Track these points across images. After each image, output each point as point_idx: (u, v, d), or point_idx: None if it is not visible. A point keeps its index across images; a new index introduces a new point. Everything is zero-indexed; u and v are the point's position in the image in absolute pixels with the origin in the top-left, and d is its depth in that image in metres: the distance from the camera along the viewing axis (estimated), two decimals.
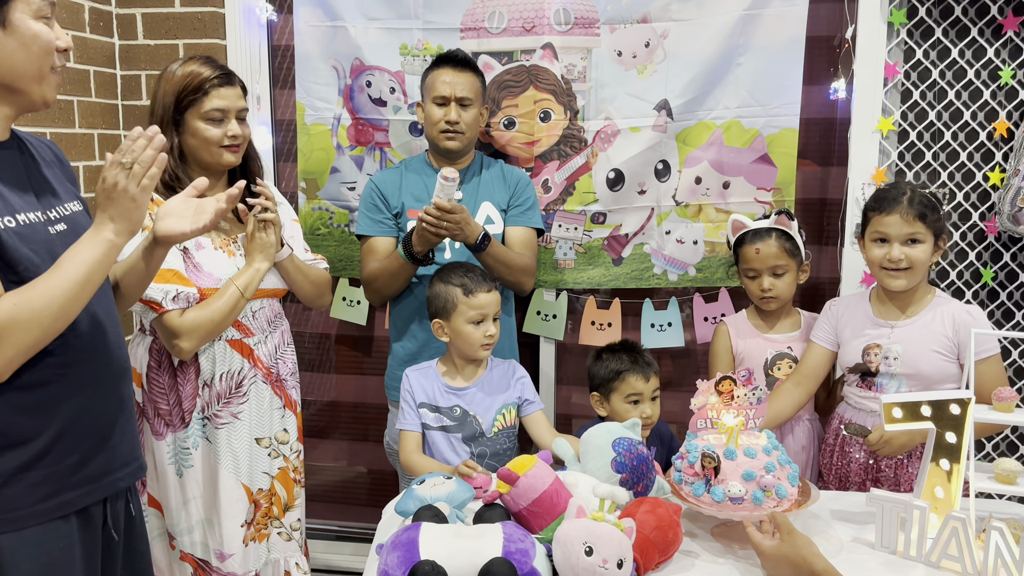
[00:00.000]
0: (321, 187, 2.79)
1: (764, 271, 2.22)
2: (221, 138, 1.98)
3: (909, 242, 1.97)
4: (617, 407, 2.07)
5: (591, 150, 2.63)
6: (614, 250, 2.69)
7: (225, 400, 2.00)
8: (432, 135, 2.34)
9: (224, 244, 2.01)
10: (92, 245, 1.35)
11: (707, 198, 2.63)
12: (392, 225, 2.39)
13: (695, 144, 2.60)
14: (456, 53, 2.36)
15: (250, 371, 2.03)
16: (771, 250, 2.21)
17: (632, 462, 1.66)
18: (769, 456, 1.63)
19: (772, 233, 2.22)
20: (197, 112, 1.95)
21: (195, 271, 1.95)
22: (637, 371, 2.07)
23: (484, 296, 2.01)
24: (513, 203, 2.42)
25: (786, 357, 2.27)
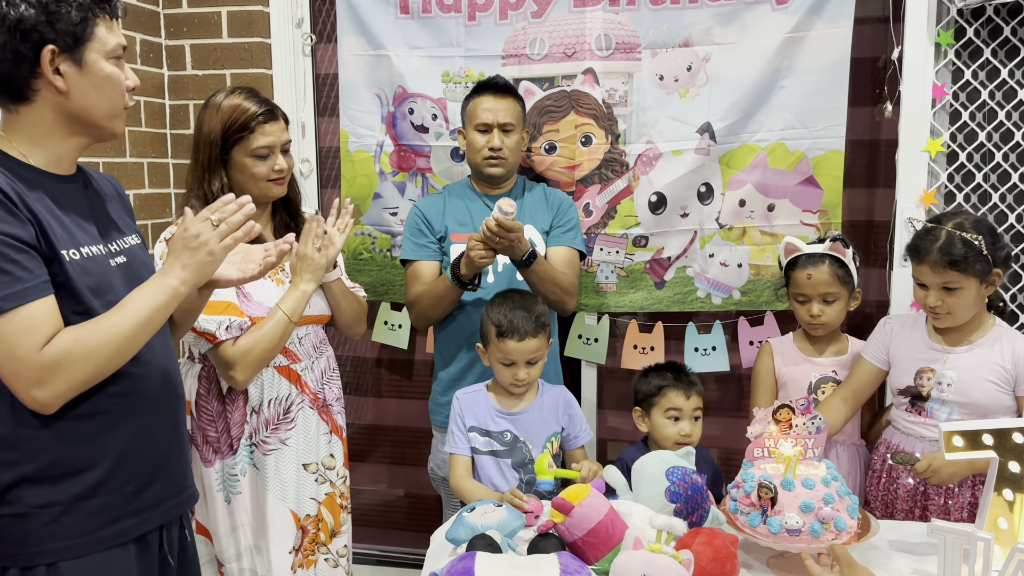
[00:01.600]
0: (364, 212, 2.82)
1: (814, 297, 2.20)
2: (268, 173, 2.01)
3: (945, 289, 1.94)
4: (657, 421, 2.07)
5: (633, 173, 2.63)
6: (656, 273, 2.68)
7: (273, 426, 2.01)
8: (475, 161, 2.35)
9: (272, 273, 2.03)
10: (158, 290, 1.38)
11: (751, 220, 2.61)
12: (436, 249, 2.40)
13: (739, 167, 2.58)
14: (496, 80, 2.39)
15: (297, 397, 2.04)
16: (823, 276, 2.18)
17: (687, 492, 1.63)
18: (828, 487, 1.60)
19: (826, 259, 2.19)
20: (244, 149, 1.98)
21: (245, 300, 1.97)
22: (679, 387, 2.07)
23: (513, 344, 1.97)
24: (555, 224, 2.42)
25: (830, 381, 2.25)
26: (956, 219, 1.96)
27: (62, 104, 1.36)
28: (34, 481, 1.33)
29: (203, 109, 2.02)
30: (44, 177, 1.38)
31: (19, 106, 1.35)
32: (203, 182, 1.97)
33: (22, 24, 1.28)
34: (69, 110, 1.37)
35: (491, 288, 2.34)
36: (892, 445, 2.09)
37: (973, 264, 1.90)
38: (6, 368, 1.27)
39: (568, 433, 2.09)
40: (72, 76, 1.34)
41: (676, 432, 2.04)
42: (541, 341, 2.02)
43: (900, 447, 2.06)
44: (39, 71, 1.32)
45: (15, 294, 1.25)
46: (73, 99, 1.36)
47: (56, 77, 1.33)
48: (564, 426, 2.08)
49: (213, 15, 2.72)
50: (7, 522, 1.33)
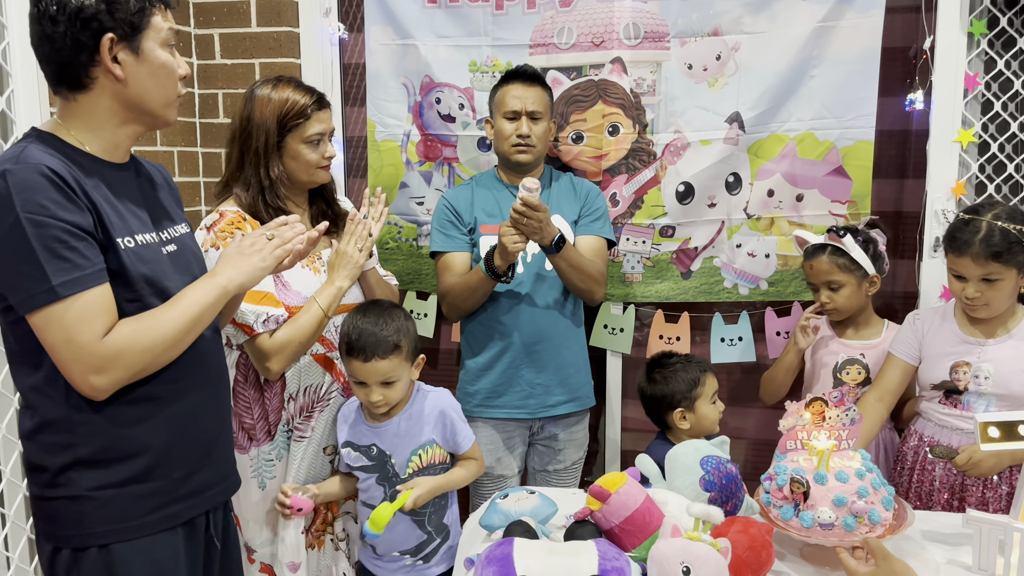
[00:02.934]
0: (390, 202, 2.82)
1: (820, 285, 2.30)
2: (319, 160, 2.03)
3: (984, 280, 1.93)
4: (705, 410, 2.07)
5: (660, 163, 2.62)
6: (683, 263, 2.68)
7: (307, 413, 2.03)
8: (503, 149, 2.36)
9: (309, 262, 2.05)
10: (209, 288, 1.43)
11: (780, 211, 2.60)
12: (466, 241, 2.41)
13: (767, 157, 2.57)
14: (525, 68, 2.39)
15: (332, 384, 2.06)
16: (822, 266, 2.27)
17: (721, 480, 1.64)
18: (862, 480, 1.60)
19: (825, 249, 2.27)
20: (299, 136, 2.00)
21: (283, 289, 1.99)
22: (708, 370, 2.12)
23: (358, 364, 1.88)
24: (584, 213, 2.43)
25: (856, 363, 2.30)
26: (994, 209, 1.95)
27: (119, 92, 1.38)
28: (88, 464, 1.35)
29: (248, 101, 2.02)
30: (101, 165, 1.40)
31: (77, 94, 1.37)
32: (259, 169, 1.98)
33: (82, 13, 1.30)
34: (126, 98, 1.39)
35: (520, 278, 2.35)
36: (925, 438, 2.09)
37: (1016, 255, 1.90)
38: (65, 354, 1.29)
39: (447, 441, 1.99)
40: (129, 64, 1.36)
41: (719, 411, 2.10)
42: (394, 363, 1.88)
43: (935, 440, 2.06)
44: (98, 59, 1.34)
45: (74, 281, 1.27)
46: (130, 87, 1.38)
47: (115, 65, 1.35)
48: (436, 437, 1.97)
49: (242, 4, 2.73)
50: (61, 504, 1.35)
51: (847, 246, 2.24)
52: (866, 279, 2.26)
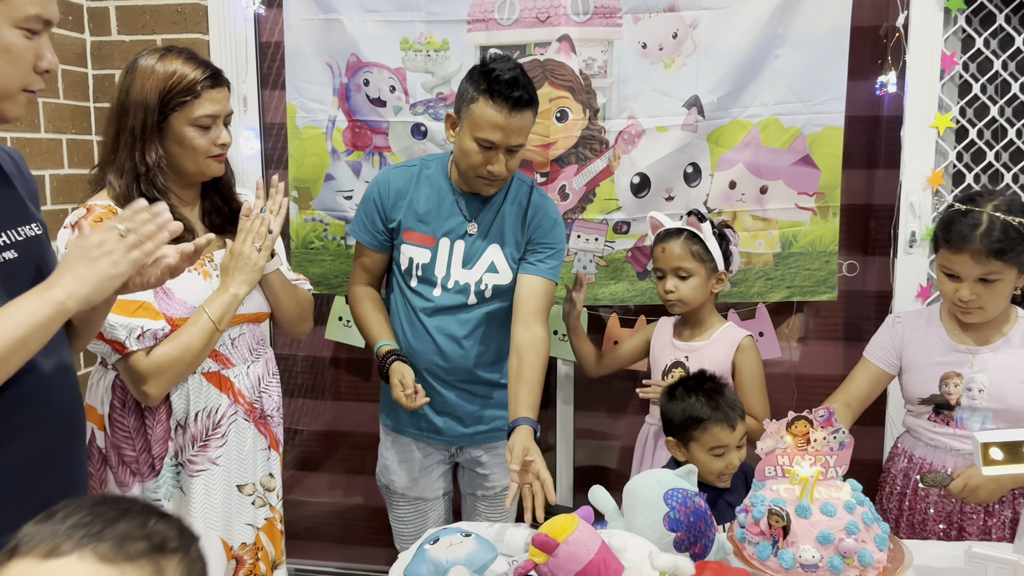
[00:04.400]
0: (315, 196, 2.53)
1: (668, 271, 2.08)
2: (209, 147, 1.73)
3: (982, 281, 1.71)
4: (699, 457, 1.76)
5: (613, 152, 2.38)
6: (639, 263, 2.44)
7: (201, 443, 1.73)
8: (466, 173, 1.99)
9: (198, 264, 1.75)
10: (40, 304, 1.12)
11: (743, 204, 2.38)
12: (385, 241, 2.09)
13: (729, 145, 2.35)
14: (518, 88, 1.87)
15: (230, 408, 1.76)
16: (675, 250, 2.06)
17: (688, 518, 1.39)
18: (852, 514, 1.37)
19: (682, 234, 2.07)
20: (185, 117, 1.70)
21: (165, 298, 1.68)
22: (720, 420, 1.72)
23: None
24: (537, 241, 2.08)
25: (680, 366, 2.11)
26: (992, 200, 1.71)
27: None
28: None
29: (128, 72, 1.72)
30: None
31: None
32: (133, 152, 1.68)
33: None
34: None
35: (437, 302, 2.05)
36: (915, 459, 1.87)
37: (1019, 252, 1.68)
38: None
39: None
40: None
41: (723, 467, 1.73)
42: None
43: (926, 461, 1.84)
44: None
45: None
46: None
47: None
48: None
49: None
50: None
51: (704, 233, 2.05)
52: (715, 274, 2.07)
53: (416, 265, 2.05)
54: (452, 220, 2.04)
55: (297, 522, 2.82)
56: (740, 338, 2.07)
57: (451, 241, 2.04)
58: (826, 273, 2.37)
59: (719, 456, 1.74)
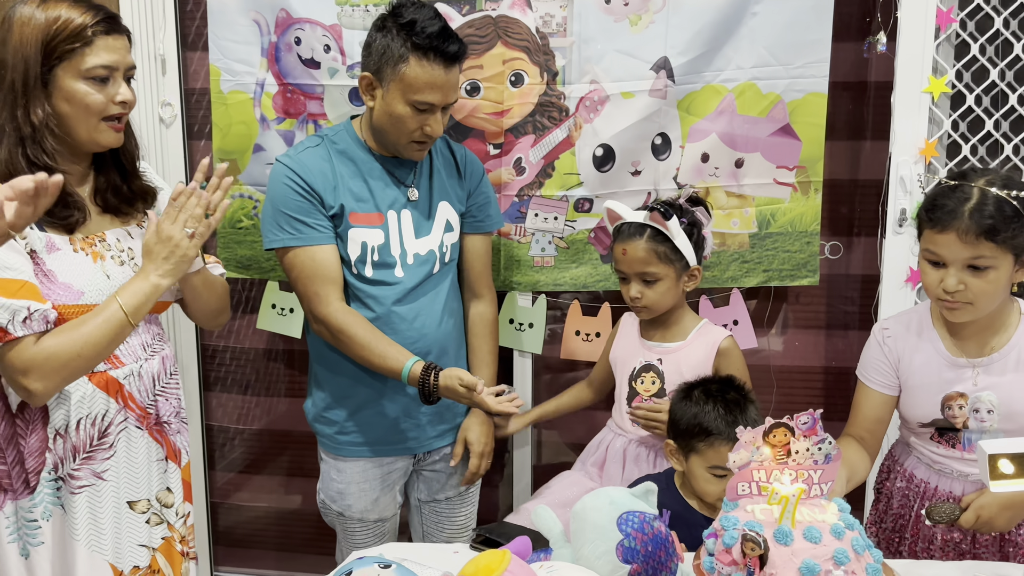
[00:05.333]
0: (242, 169, 2.27)
1: (631, 276, 1.84)
2: (107, 105, 1.47)
3: (971, 267, 1.46)
4: (696, 472, 1.54)
5: (574, 121, 2.14)
6: (603, 244, 2.22)
7: (85, 455, 1.48)
8: (394, 138, 1.78)
9: (87, 244, 1.49)
10: None
11: (716, 179, 2.15)
12: (331, 230, 1.82)
13: (701, 113, 2.12)
14: (449, 39, 1.71)
15: (119, 414, 1.51)
16: (638, 253, 1.82)
17: (647, 547, 1.17)
18: (840, 540, 1.15)
19: (644, 231, 1.82)
20: (74, 69, 1.44)
21: (46, 281, 1.43)
22: (732, 438, 1.42)
23: None
24: (472, 202, 1.97)
25: (652, 370, 1.89)
26: (986, 175, 1.47)
27: None
28: None
29: (4, 23, 1.45)
30: None
31: None
32: (15, 111, 1.42)
33: None
34: None
35: (405, 283, 1.85)
36: (916, 481, 1.64)
37: (1015, 234, 1.43)
38: None
39: None
40: None
41: (721, 490, 1.49)
42: None
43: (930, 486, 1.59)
44: None
45: None
46: None
47: None
48: None
49: None
50: None
51: (671, 231, 1.80)
52: (686, 272, 1.84)
53: (371, 249, 1.83)
54: (390, 191, 1.85)
55: (230, 528, 2.59)
56: (720, 339, 1.87)
57: (397, 212, 1.85)
58: (807, 255, 2.16)
59: (719, 478, 1.52)
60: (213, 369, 2.51)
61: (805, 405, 2.23)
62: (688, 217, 1.85)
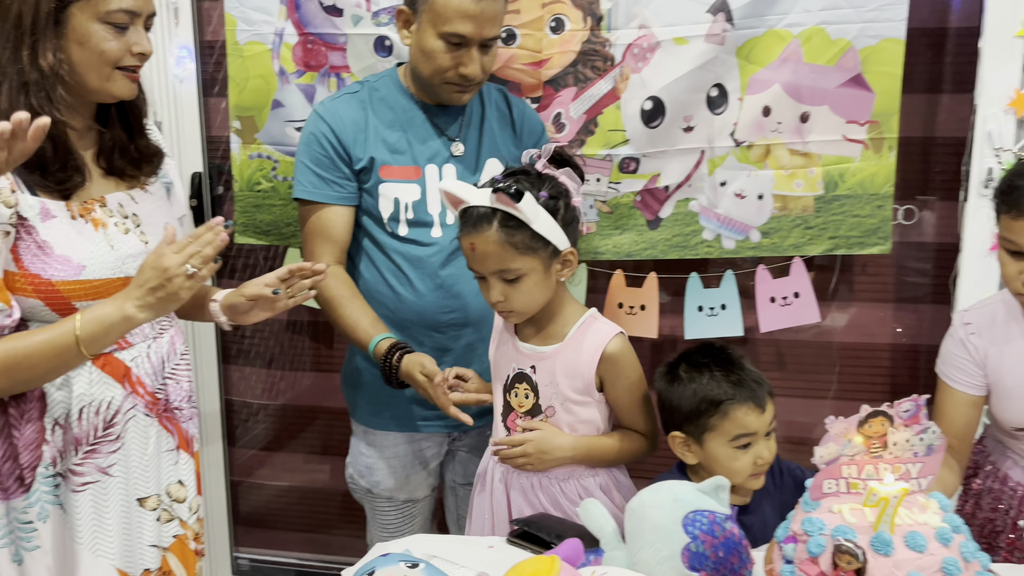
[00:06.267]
0: (260, 127, 2.12)
1: (488, 275, 1.43)
2: (123, 54, 1.30)
3: None
4: (718, 453, 1.34)
5: (620, 71, 1.95)
6: (650, 208, 2.03)
7: (88, 447, 1.34)
8: (430, 79, 1.64)
9: (86, 210, 1.33)
10: None
11: (778, 135, 1.95)
12: (351, 189, 1.71)
13: (763, 62, 1.92)
14: None
15: (126, 401, 1.37)
16: (489, 247, 1.40)
17: (716, 552, 1.00)
18: (948, 547, 0.97)
19: (494, 218, 1.39)
20: (93, 10, 1.27)
21: (40, 254, 1.27)
22: (746, 398, 1.33)
23: None
24: None
25: (524, 380, 1.50)
26: None
27: None
28: None
29: None
30: None
31: None
32: (20, 52, 1.26)
33: None
34: None
35: (441, 243, 1.70)
36: (1011, 483, 1.43)
37: None
38: None
39: None
40: None
41: (750, 463, 1.33)
42: None
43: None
44: None
45: None
46: None
47: None
48: None
49: None
50: None
51: (526, 214, 1.38)
52: (557, 258, 1.44)
53: (404, 206, 1.69)
54: (432, 142, 1.71)
55: (253, 509, 2.47)
56: (604, 342, 1.45)
57: (438, 167, 1.71)
58: (879, 221, 1.95)
59: (745, 448, 1.33)
60: (235, 341, 2.38)
61: (870, 387, 2.10)
62: (548, 189, 1.42)
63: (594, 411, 1.47)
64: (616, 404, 1.49)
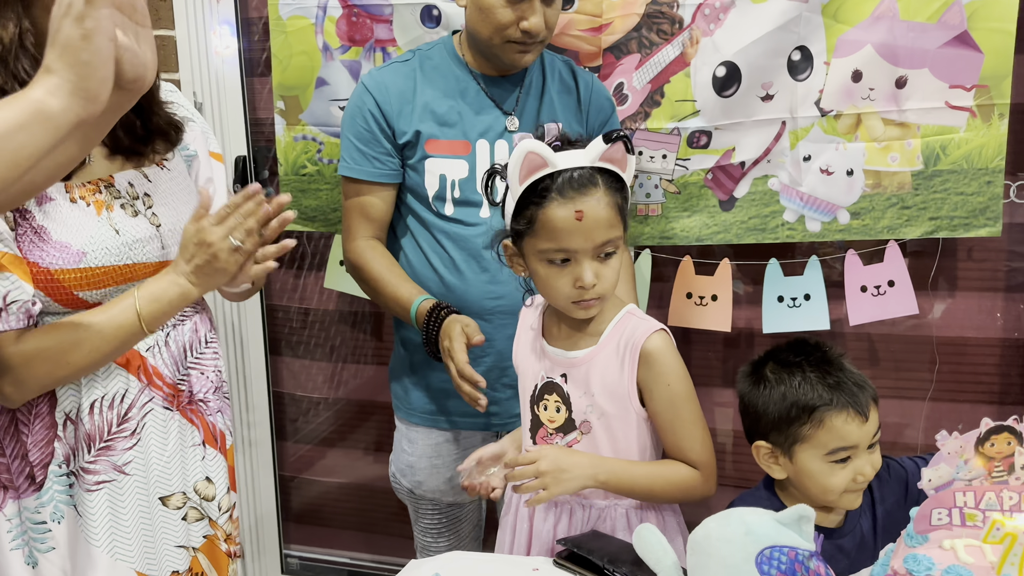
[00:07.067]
0: (304, 108, 2.01)
1: (585, 253, 1.20)
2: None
3: None
4: (811, 467, 1.16)
5: (689, 34, 1.77)
6: (723, 187, 1.85)
7: (103, 444, 1.25)
8: (490, 40, 1.52)
9: (89, 192, 1.23)
10: None
11: (871, 103, 1.74)
12: (393, 165, 1.61)
13: (853, 20, 1.71)
14: None
15: (141, 394, 1.27)
16: (601, 211, 1.19)
17: None
18: None
19: (598, 177, 1.19)
20: None
21: (37, 240, 1.17)
22: (845, 404, 1.14)
23: None
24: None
25: (555, 391, 1.30)
26: None
27: None
28: None
29: None
30: None
31: None
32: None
33: None
34: None
35: (486, 226, 1.58)
36: None
37: None
38: None
39: None
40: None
41: (849, 479, 1.14)
42: None
43: None
44: None
45: None
46: None
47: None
48: None
49: None
50: None
51: (629, 172, 1.23)
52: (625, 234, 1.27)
53: (451, 184, 1.59)
54: (485, 115, 1.60)
55: (304, 506, 2.40)
56: (642, 338, 1.25)
57: (490, 144, 1.60)
58: (987, 199, 1.73)
59: (843, 462, 1.14)
60: (284, 332, 2.30)
61: (976, 386, 1.87)
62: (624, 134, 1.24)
63: (639, 430, 1.27)
64: (656, 420, 1.26)
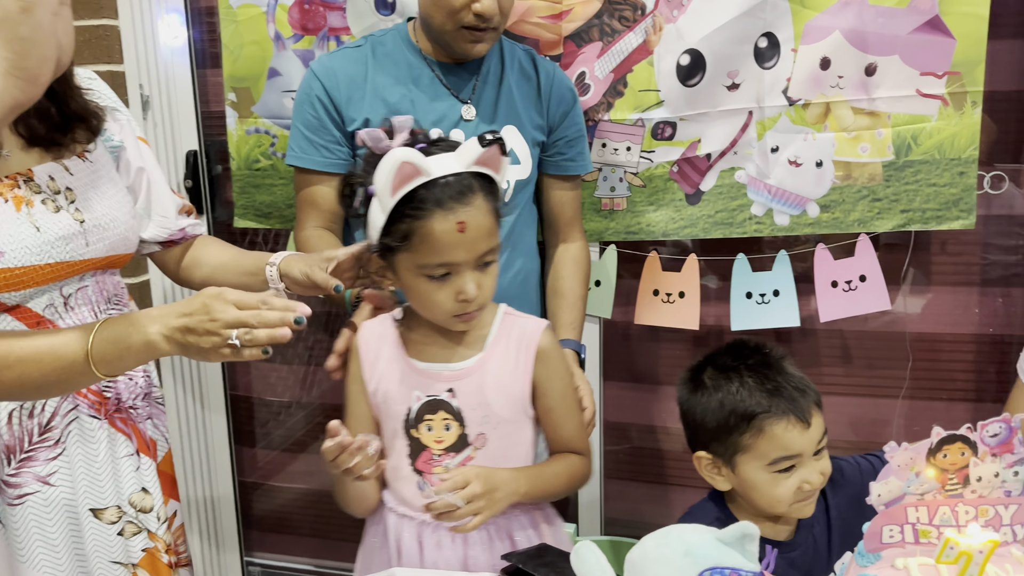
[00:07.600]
0: (256, 100, 1.94)
1: (468, 264, 1.12)
2: None
3: None
4: (755, 478, 1.10)
5: (652, 21, 1.70)
6: (689, 180, 1.79)
7: (24, 455, 1.18)
8: (443, 27, 1.45)
9: (7, 187, 1.15)
10: None
11: (840, 92, 1.68)
12: (343, 154, 1.54)
13: (820, 5, 1.66)
14: None
15: (64, 402, 1.20)
16: (483, 220, 1.11)
17: None
18: None
19: (475, 184, 1.12)
20: None
21: None
22: (784, 411, 1.09)
23: None
24: (560, 134, 1.62)
25: (441, 408, 1.19)
26: None
27: None
28: None
29: None
30: None
31: None
32: None
33: None
34: None
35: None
36: None
37: None
38: None
39: None
40: None
41: (794, 489, 1.09)
42: None
43: None
44: None
45: None
46: None
47: None
48: None
49: None
50: None
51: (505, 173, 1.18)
52: None
53: None
54: (440, 103, 1.54)
55: (263, 512, 2.33)
56: (536, 338, 1.21)
57: (445, 133, 1.53)
58: (960, 190, 1.68)
59: (787, 472, 1.08)
60: None
61: (951, 383, 1.82)
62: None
63: (529, 432, 1.21)
64: (550, 416, 1.21)
